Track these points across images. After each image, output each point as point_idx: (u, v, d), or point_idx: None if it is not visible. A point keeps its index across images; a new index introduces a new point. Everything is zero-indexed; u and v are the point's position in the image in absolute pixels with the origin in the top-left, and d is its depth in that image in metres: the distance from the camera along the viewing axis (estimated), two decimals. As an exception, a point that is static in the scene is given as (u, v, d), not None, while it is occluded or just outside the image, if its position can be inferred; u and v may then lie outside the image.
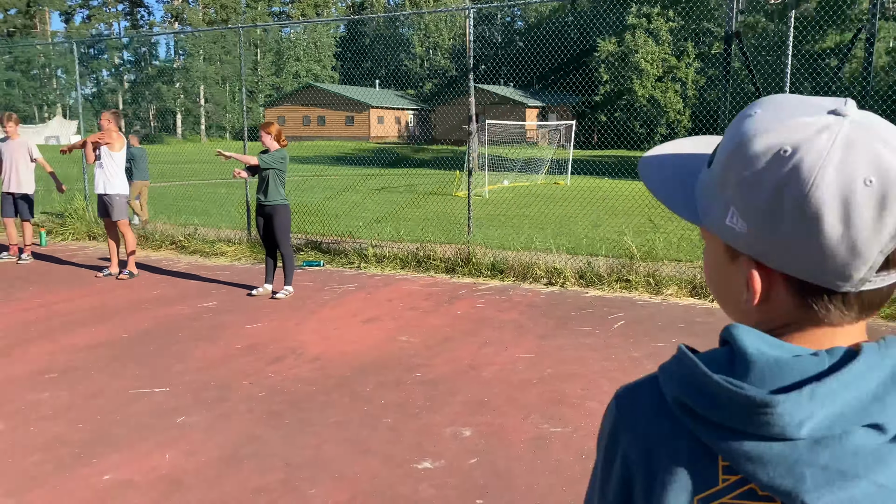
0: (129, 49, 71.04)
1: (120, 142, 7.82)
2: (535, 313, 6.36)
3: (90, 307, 6.63)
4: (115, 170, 7.81)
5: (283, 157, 6.80)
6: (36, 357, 5.15)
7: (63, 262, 8.93)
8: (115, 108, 68.88)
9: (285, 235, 6.89)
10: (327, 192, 16.88)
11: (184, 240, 9.69)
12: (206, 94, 68.17)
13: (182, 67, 67.72)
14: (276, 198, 6.79)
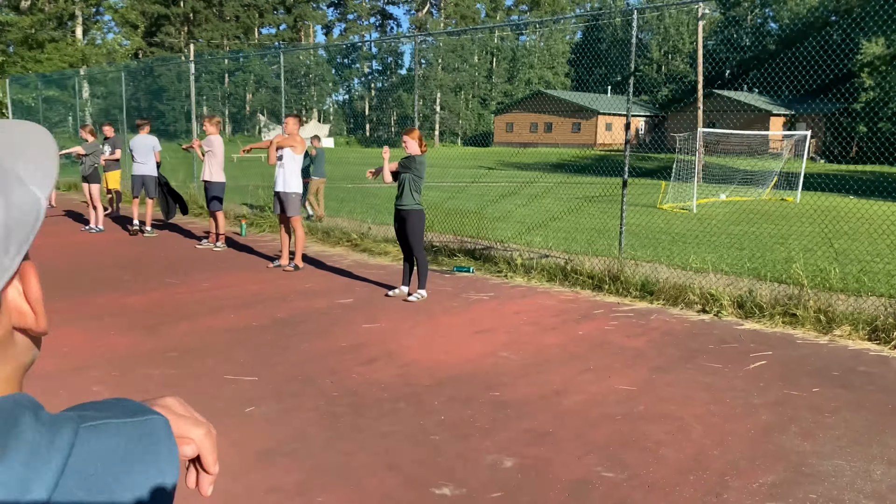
0: (378, 59, 77.04)
1: (302, 145, 8.43)
2: (665, 342, 5.76)
3: (246, 294, 7.23)
4: (294, 170, 8.43)
5: (422, 162, 6.88)
6: (171, 335, 5.72)
7: (250, 252, 9.87)
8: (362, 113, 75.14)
9: (419, 240, 6.96)
10: (519, 199, 16.86)
11: (357, 238, 10.22)
12: (441, 101, 71.65)
13: (421, 76, 71.71)
14: (410, 203, 6.89)
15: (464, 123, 74.61)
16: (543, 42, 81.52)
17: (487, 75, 77.73)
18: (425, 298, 7.07)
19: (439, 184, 21.48)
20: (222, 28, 70.22)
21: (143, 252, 9.61)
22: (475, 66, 75.93)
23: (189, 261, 9.04)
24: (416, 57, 11.28)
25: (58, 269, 8.27)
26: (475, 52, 75.87)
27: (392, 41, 75.54)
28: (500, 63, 78.55)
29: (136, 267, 8.54)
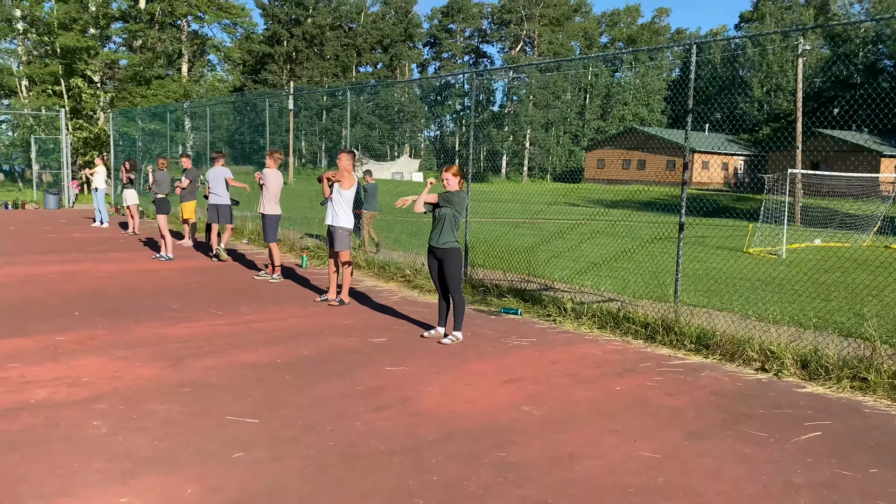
0: (470, 96, 77.83)
1: (350, 181, 8.37)
2: (710, 403, 5.21)
3: (283, 328, 7.15)
4: (342, 205, 8.38)
5: (463, 198, 6.64)
6: (194, 369, 5.66)
7: (304, 284, 9.86)
8: (452, 149, 75.97)
9: (456, 280, 6.69)
10: (588, 236, 16.30)
11: (410, 274, 10.05)
12: (531, 137, 71.52)
13: (512, 112, 71.99)
14: (448, 240, 6.64)
15: (553, 159, 74.10)
16: (639, 79, 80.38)
17: (580, 111, 77.10)
18: (460, 341, 6.77)
19: (505, 220, 21.18)
20: (322, 66, 73.00)
21: (200, 282, 9.77)
22: (567, 103, 75.52)
23: (241, 292, 9.10)
24: (471, 92, 11.13)
25: (112, 296, 8.48)
26: (567, 88, 75.54)
27: (450, 77, 76.29)
28: (593, 100, 77.80)
29: (187, 296, 8.65)
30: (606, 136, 71.15)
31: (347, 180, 8.36)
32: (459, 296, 6.74)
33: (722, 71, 76.00)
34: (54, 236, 14.51)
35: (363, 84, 43.66)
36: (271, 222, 10.09)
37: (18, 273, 9.94)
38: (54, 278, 9.61)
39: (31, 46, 29.98)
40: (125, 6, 31.63)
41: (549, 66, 71.13)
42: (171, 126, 23.31)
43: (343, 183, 8.35)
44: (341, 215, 8.38)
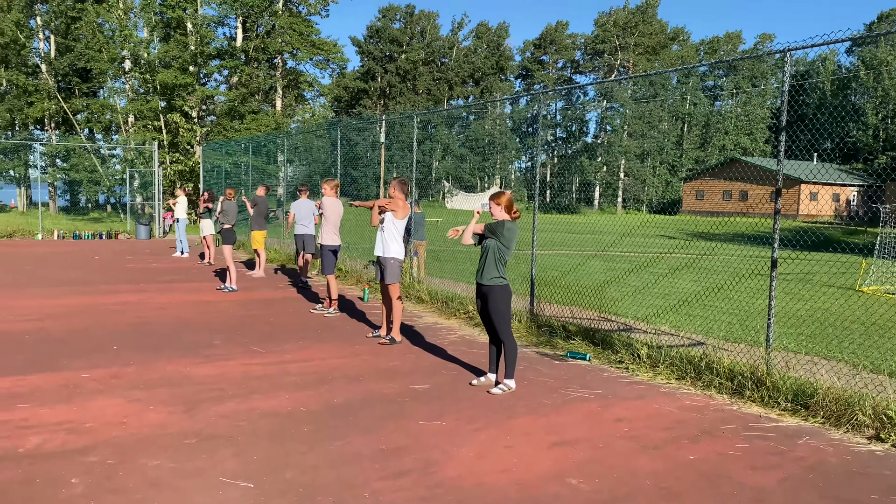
0: (562, 127, 76.91)
1: (404, 210, 7.80)
2: (806, 484, 4.18)
3: (321, 370, 6.56)
4: (394, 235, 7.81)
5: (511, 229, 5.88)
6: (206, 416, 5.12)
7: (360, 319, 9.30)
8: (543, 180, 75.06)
9: (503, 320, 5.90)
10: (676, 271, 15.04)
11: (474, 310, 9.31)
12: (626, 167, 69.62)
13: (605, 143, 70.45)
14: (493, 276, 5.88)
15: (649, 190, 71.78)
16: (741, 107, 77.18)
17: (677, 141, 74.58)
18: (512, 391, 5.96)
19: (589, 251, 20.07)
20: (414, 101, 74.03)
21: (253, 315, 9.38)
22: (664, 133, 73.20)
23: (291, 327, 8.62)
24: (538, 110, 10.35)
25: (158, 329, 8.18)
26: (665, 117, 73.30)
27: (516, 98, 75.19)
28: (691, 129, 75.13)
29: (233, 331, 8.24)
30: (706, 166, 68.38)
31: (402, 210, 7.77)
32: (509, 339, 5.94)
33: (832, 98, 71.89)
34: (131, 266, 14.69)
35: (430, 111, 43.09)
36: (329, 253, 9.63)
37: (78, 303, 9.88)
38: (110, 309, 9.46)
39: (136, 85, 31.51)
40: (223, 44, 32.90)
41: (619, 88, 69.32)
42: (262, 158, 23.73)
43: (397, 212, 7.77)
44: (392, 245, 7.78)
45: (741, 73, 76.24)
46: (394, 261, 7.80)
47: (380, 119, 14.87)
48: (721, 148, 75.39)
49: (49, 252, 17.38)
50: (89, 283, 11.95)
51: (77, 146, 31.21)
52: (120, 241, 21.72)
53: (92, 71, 32.85)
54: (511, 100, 75.48)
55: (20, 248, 18.39)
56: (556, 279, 12.74)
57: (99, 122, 34.53)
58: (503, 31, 79.33)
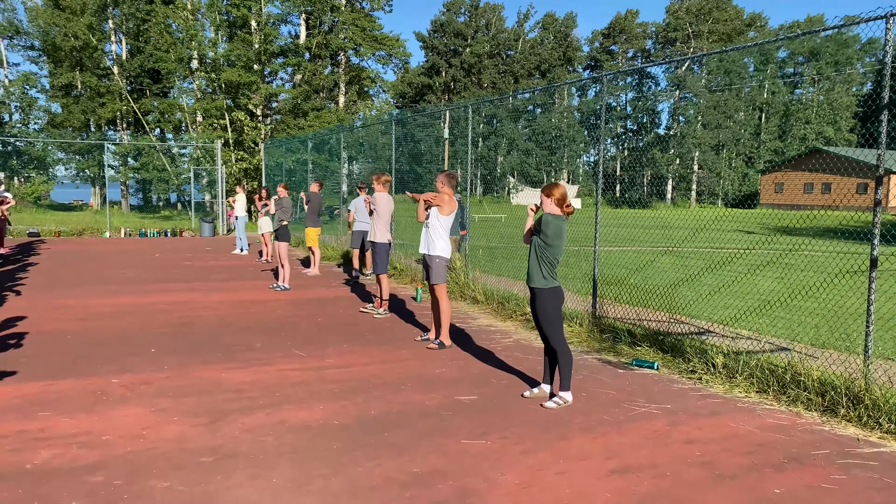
0: (632, 119, 74.82)
1: (450, 206, 7.26)
2: (926, 532, 3.44)
3: (361, 376, 6.09)
4: (439, 232, 7.29)
5: (557, 225, 5.24)
6: (230, 430, 4.71)
7: (411, 320, 8.82)
8: (613, 174, 73.18)
9: (552, 327, 5.29)
10: (764, 269, 13.97)
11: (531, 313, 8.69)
12: (700, 160, 67.21)
13: (678, 134, 68.19)
14: (537, 277, 5.28)
15: (725, 183, 69.10)
16: (823, 95, 73.40)
17: (755, 132, 71.53)
18: (568, 405, 5.34)
19: (661, 247, 19.05)
20: (479, 95, 73.39)
21: (301, 315, 9.02)
22: (740, 123, 70.31)
23: (338, 328, 8.21)
24: (602, 94, 9.63)
25: (200, 331, 7.89)
26: (741, 108, 70.40)
27: (580, 82, 73.01)
28: (769, 119, 71.93)
29: (277, 332, 7.88)
30: (785, 157, 65.33)
31: (448, 205, 7.23)
32: (562, 348, 5.32)
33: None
34: (188, 264, 14.66)
35: (484, 99, 42.01)
36: (381, 251, 9.19)
37: (128, 302, 9.74)
38: (158, 309, 9.28)
39: (203, 85, 32.01)
40: (286, 42, 33.08)
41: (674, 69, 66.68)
42: (325, 155, 23.61)
43: (443, 208, 7.23)
44: (438, 243, 7.26)
45: (823, 58, 72.48)
46: (439, 259, 7.28)
47: (438, 111, 14.46)
48: (802, 138, 71.93)
49: (113, 250, 17.62)
50: (143, 281, 11.89)
51: (146, 145, 31.97)
52: (184, 238, 21.97)
53: (161, 72, 33.59)
54: (573, 84, 73.86)
55: (87, 245, 18.74)
56: (623, 278, 11.98)
57: (168, 122, 35.32)
58: (571, 22, 77.79)
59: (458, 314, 9.20)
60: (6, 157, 33.48)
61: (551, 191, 5.29)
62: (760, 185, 65.13)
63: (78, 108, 34.38)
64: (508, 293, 9.75)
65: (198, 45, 30.21)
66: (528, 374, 6.29)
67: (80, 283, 11.44)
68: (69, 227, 22.62)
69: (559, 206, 5.30)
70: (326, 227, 19.60)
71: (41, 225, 23.92)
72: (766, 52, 75.75)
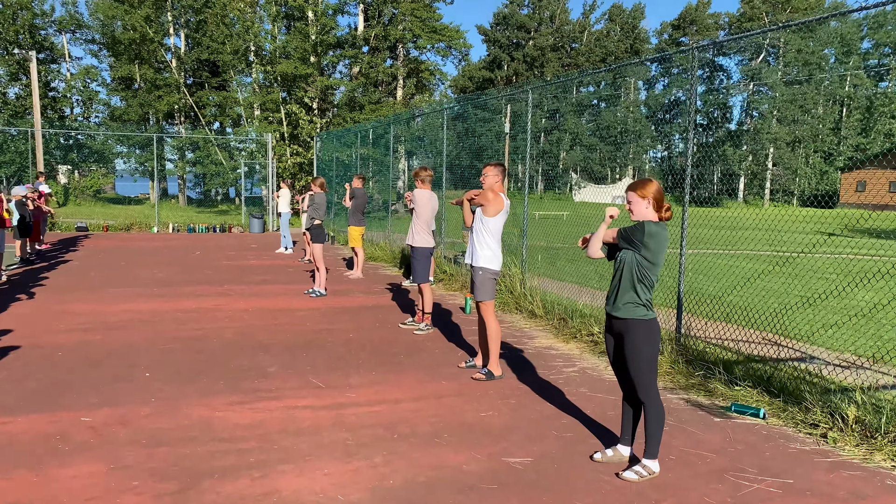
0: (702, 113, 71.63)
1: (496, 205, 5.93)
2: None
3: (387, 421, 4.86)
4: (485, 239, 5.99)
5: (658, 234, 3.87)
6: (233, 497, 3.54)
7: (456, 338, 7.56)
8: (682, 170, 69.94)
9: (644, 374, 3.92)
10: (867, 280, 12.15)
11: (599, 333, 7.32)
12: (774, 156, 63.81)
13: (751, 129, 64.92)
14: (630, 305, 3.92)
15: (801, 181, 65.47)
16: (911, 87, 68.80)
17: (834, 127, 67.54)
18: (653, 477, 3.99)
19: (743, 251, 17.25)
20: (541, 89, 71.46)
21: (331, 330, 7.87)
22: (818, 118, 66.43)
23: (372, 347, 7.01)
24: (691, 69, 8.14)
25: (213, 348, 6.80)
26: (820, 101, 66.54)
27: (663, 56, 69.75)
28: (851, 113, 67.80)
29: (299, 352, 6.73)
30: (869, 154, 61.42)
31: (493, 204, 5.92)
32: (653, 401, 3.95)
33: None
34: (227, 263, 13.76)
35: (543, 82, 40.16)
36: (421, 257, 7.96)
37: (146, 309, 8.78)
38: (175, 318, 8.27)
39: (261, 78, 31.45)
40: (342, 32, 32.23)
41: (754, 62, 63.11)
42: (381, 149, 22.60)
43: (487, 207, 5.94)
44: (482, 252, 5.98)
45: (912, 48, 67.81)
46: (483, 272, 6.00)
47: (496, 98, 13.23)
48: (887, 133, 67.61)
49: (155, 246, 16.94)
50: (172, 283, 10.98)
51: (201, 138, 31.61)
52: (231, 234, 21.27)
53: (218, 64, 33.23)
54: (651, 60, 71.25)
55: (131, 241, 18.16)
56: (706, 288, 10.43)
57: (227, 116, 34.98)
58: (638, 13, 75.02)
59: (511, 331, 7.90)
60: (67, 151, 33.74)
61: (645, 189, 3.92)
62: (840, 183, 61.47)
63: (136, 101, 34.37)
64: (571, 306, 8.38)
65: (254, 36, 29.61)
66: (597, 421, 4.96)
67: (103, 285, 10.60)
68: (118, 222, 22.24)
69: (657, 208, 3.93)
70: (377, 224, 18.52)
71: (95, 219, 23.67)
72: (848, 43, 71.59)
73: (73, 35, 37.29)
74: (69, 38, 37.61)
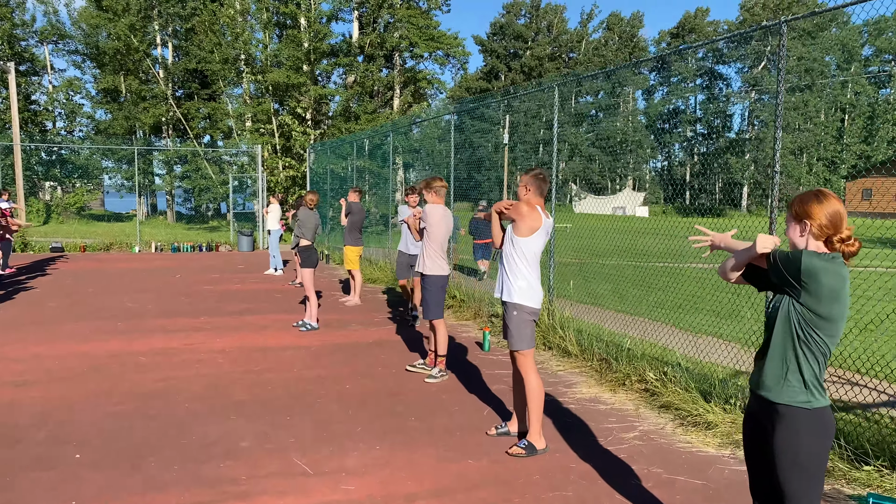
0: (703, 122, 70.64)
1: (530, 221, 4.55)
2: None
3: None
4: (517, 265, 4.60)
5: (834, 274, 2.44)
6: None
7: (478, 388, 6.13)
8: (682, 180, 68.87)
9: (805, 483, 2.47)
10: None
11: (656, 381, 5.90)
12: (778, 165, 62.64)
13: (755, 138, 63.88)
14: (786, 380, 2.50)
15: (804, 190, 64.30)
16: (914, 94, 67.96)
17: (837, 135, 66.57)
18: None
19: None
20: (539, 98, 70.40)
21: (325, 376, 6.44)
22: (821, 125, 65.42)
23: (373, 403, 5.58)
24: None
25: (171, 407, 5.35)
26: (822, 108, 65.56)
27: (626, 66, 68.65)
28: (854, 120, 66.86)
29: (282, 412, 5.30)
30: (875, 162, 60.39)
31: (526, 220, 4.55)
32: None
33: None
34: (209, 288, 12.32)
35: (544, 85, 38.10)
36: (434, 288, 6.52)
37: (99, 352, 7.34)
38: (138, 363, 6.83)
39: (251, 89, 30.10)
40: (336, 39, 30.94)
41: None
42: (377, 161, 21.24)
43: (518, 224, 4.57)
44: (516, 283, 4.60)
45: (915, 54, 66.94)
46: (518, 311, 4.60)
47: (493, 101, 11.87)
48: (890, 141, 66.68)
49: (134, 269, 15.50)
50: (141, 315, 9.54)
51: (188, 151, 30.21)
52: (219, 254, 19.82)
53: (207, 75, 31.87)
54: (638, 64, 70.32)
55: (108, 263, 16.71)
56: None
57: (217, 129, 33.59)
58: (637, 21, 74.14)
59: (543, 375, 6.48)
60: (49, 166, 32.25)
61: (809, 207, 2.53)
62: (845, 191, 60.43)
63: (122, 113, 32.94)
64: (615, 340, 6.96)
65: (244, 44, 28.27)
66: (693, 530, 3.53)
67: (58, 319, 9.16)
68: (98, 241, 20.77)
69: (828, 235, 2.53)
70: (374, 240, 17.14)
71: (74, 238, 22.22)
72: (849, 50, 70.88)
73: (55, 46, 35.92)
74: (51, 49, 36.23)
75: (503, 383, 6.31)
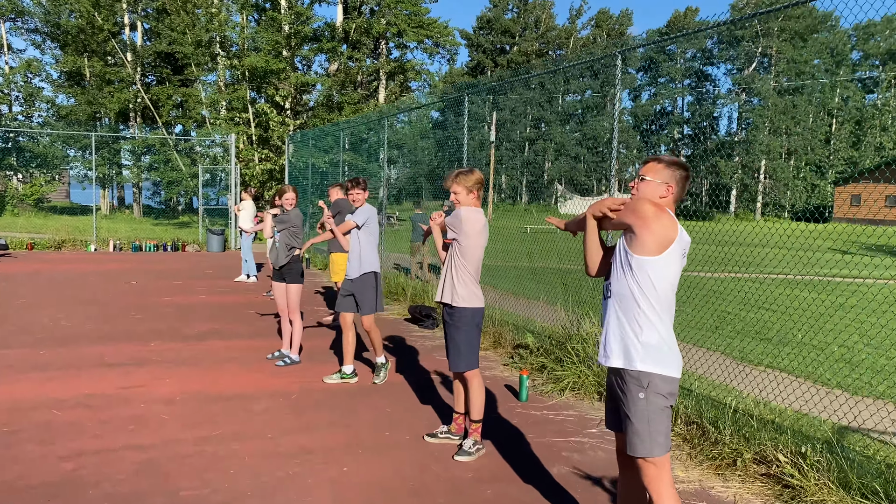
0: (690, 124, 69.50)
1: (660, 229, 2.72)
2: None
3: None
4: (640, 308, 2.78)
5: None
6: None
7: (533, 468, 4.27)
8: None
9: None
10: None
11: (789, 466, 4.08)
12: (766, 168, 61.69)
13: (742, 141, 62.83)
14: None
15: (792, 195, 63.44)
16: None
17: (826, 139, 65.81)
18: None
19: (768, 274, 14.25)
20: (526, 96, 68.74)
21: (312, 453, 4.54)
22: (809, 129, 64.53)
23: (391, 499, 3.71)
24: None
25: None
26: (811, 112, 64.67)
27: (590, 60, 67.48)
28: (842, 125, 66.14)
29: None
30: (863, 167, 59.62)
31: (653, 229, 2.75)
32: None
33: None
34: (168, 299, 10.34)
35: (521, 77, 36.37)
36: (470, 325, 4.61)
37: (8, 398, 5.37)
38: (47, 423, 4.88)
39: (227, 75, 27.92)
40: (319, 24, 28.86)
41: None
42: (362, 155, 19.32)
43: (641, 235, 2.75)
44: (641, 338, 2.77)
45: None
46: (648, 389, 2.79)
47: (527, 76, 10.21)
48: (878, 146, 66.09)
49: (83, 272, 13.42)
50: (74, 338, 7.55)
51: (157, 139, 27.97)
52: (186, 254, 17.75)
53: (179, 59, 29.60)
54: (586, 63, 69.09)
55: (56, 264, 14.60)
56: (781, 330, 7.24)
57: (189, 118, 31.29)
58: (626, 19, 72.79)
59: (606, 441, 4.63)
60: (4, 154, 29.73)
61: None
62: (834, 196, 59.65)
63: (85, 98, 30.50)
64: (704, 393, 5.13)
65: (219, 25, 26.08)
66: None
67: (-33, 344, 7.15)
68: (49, 238, 18.57)
69: None
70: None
71: (21, 232, 20.00)
72: (838, 54, 70.28)
73: (13, 24, 33.32)
74: (8, 27, 33.61)
75: (563, 463, 4.46)
